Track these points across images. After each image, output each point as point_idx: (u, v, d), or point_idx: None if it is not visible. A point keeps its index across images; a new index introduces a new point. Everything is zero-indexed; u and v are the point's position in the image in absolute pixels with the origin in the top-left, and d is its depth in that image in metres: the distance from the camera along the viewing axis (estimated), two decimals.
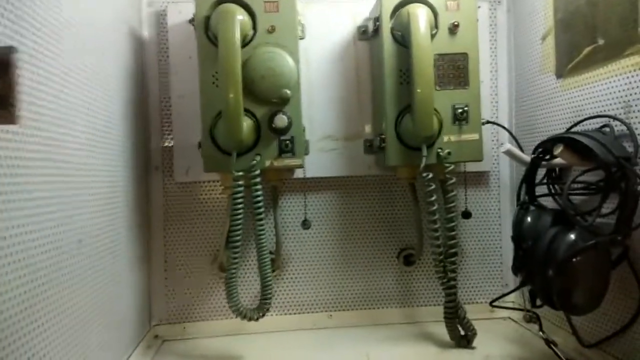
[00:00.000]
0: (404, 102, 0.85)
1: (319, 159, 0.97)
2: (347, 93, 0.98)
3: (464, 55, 0.86)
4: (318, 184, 1.00)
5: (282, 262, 0.99)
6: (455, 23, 0.84)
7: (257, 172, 0.81)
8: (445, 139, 0.86)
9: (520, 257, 0.69)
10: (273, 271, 0.87)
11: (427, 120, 0.80)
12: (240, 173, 0.79)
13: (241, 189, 0.80)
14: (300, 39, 0.94)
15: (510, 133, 0.97)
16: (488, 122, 0.92)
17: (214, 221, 0.98)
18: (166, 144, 0.97)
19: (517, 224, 0.71)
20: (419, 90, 0.79)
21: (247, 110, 0.81)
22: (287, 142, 0.83)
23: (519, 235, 0.70)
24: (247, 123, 0.80)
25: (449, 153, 0.84)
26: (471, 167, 1.00)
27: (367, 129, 0.98)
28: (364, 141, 0.98)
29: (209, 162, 0.82)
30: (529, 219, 0.69)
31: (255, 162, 0.81)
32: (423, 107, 0.79)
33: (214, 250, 0.98)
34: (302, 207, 0.99)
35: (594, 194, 0.69)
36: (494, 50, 1.03)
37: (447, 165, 0.84)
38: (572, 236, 0.62)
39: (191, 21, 0.85)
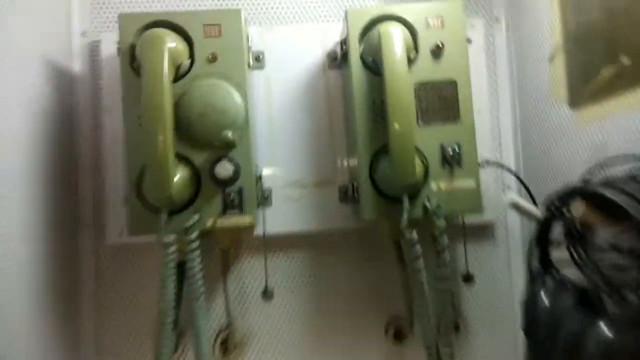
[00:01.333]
0: (379, 141, 0.70)
1: (284, 211, 0.82)
2: (317, 130, 0.84)
3: (452, 82, 0.71)
4: (282, 243, 0.85)
5: (239, 342, 0.82)
6: (439, 44, 0.70)
7: (193, 235, 0.65)
8: (434, 186, 0.70)
9: (533, 353, 0.52)
10: (225, 353, 0.71)
11: (407, 164, 0.65)
12: (172, 237, 0.64)
13: (173, 257, 0.65)
14: (257, 68, 0.81)
15: (517, 177, 0.81)
16: (488, 162, 0.77)
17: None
18: (99, 197, 0.83)
19: (528, 307, 0.54)
20: (395, 127, 0.64)
21: (182, 157, 0.67)
22: (234, 195, 0.68)
23: (531, 323, 0.53)
24: (181, 174, 0.65)
25: (438, 205, 0.69)
26: (472, 217, 0.83)
27: (342, 172, 0.83)
28: (338, 187, 0.83)
29: (135, 223, 0.68)
30: (543, 298, 0.52)
31: (191, 222, 0.65)
32: (401, 148, 0.64)
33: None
34: (262, 272, 0.83)
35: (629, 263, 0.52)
36: (493, 75, 0.89)
37: (437, 220, 0.68)
38: (606, 329, 0.45)
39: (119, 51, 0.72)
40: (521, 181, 0.79)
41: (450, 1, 0.72)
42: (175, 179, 0.64)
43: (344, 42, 0.74)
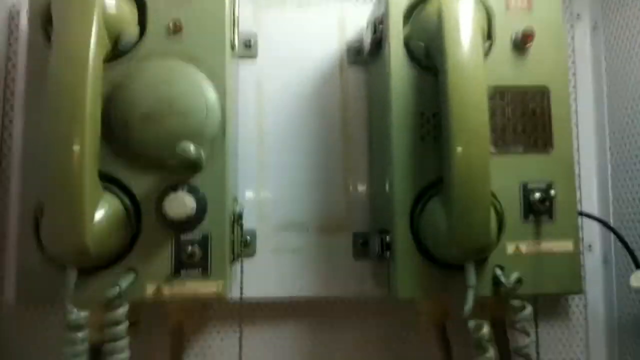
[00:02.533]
0: (428, 173, 0.46)
1: (272, 266, 0.57)
2: (326, 151, 0.59)
3: (543, 90, 0.48)
4: (267, 313, 0.59)
5: None
6: (527, 32, 0.47)
7: (120, 311, 0.40)
8: (511, 249, 0.46)
9: None
10: None
11: (477, 215, 0.41)
12: (82, 315, 0.39)
13: (82, 346, 0.39)
14: (245, 56, 0.57)
15: (621, 238, 0.56)
16: (582, 214, 0.52)
17: None
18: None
19: None
20: (461, 154, 0.40)
21: (110, 182, 0.42)
22: (194, 246, 0.43)
23: None
24: (107, 209, 0.40)
25: (518, 280, 0.44)
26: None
27: (360, 216, 0.58)
28: (353, 236, 0.58)
29: (26, 285, 0.42)
30: None
31: (118, 290, 0.40)
32: (469, 188, 0.40)
33: None
34: (235, 357, 0.57)
35: None
36: (573, 88, 0.65)
37: (514, 302, 0.44)
38: None
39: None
40: (626, 245, 0.55)
41: None
42: (97, 216, 0.39)
43: (378, 23, 0.50)
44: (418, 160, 0.46)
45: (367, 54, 0.57)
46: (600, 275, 0.62)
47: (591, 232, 0.62)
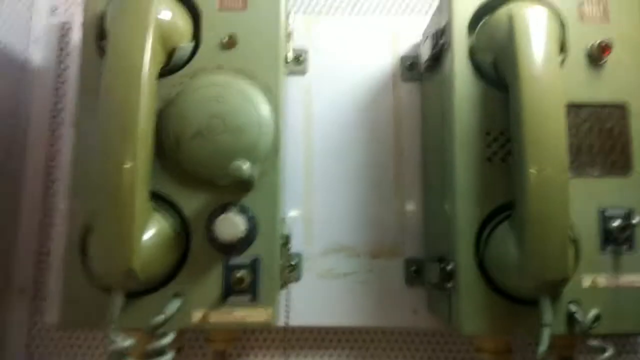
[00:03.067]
0: (495, 197, 0.43)
1: (320, 292, 0.54)
2: (376, 171, 0.56)
3: (621, 106, 0.44)
4: (314, 341, 0.56)
5: None
6: (604, 44, 0.43)
7: (165, 341, 0.38)
8: (586, 281, 0.42)
9: None
10: None
11: (554, 245, 0.37)
12: (127, 343, 0.37)
13: None
14: (295, 73, 0.55)
15: None
16: None
17: None
18: (44, 252, 0.56)
19: None
20: (535, 177, 0.37)
21: (160, 201, 0.41)
22: (243, 271, 0.41)
23: None
24: (156, 229, 0.39)
25: (597, 317, 0.40)
26: None
27: (413, 240, 0.55)
28: (405, 262, 0.55)
29: (70, 310, 0.41)
30: None
31: (164, 316, 0.38)
32: (546, 215, 0.37)
33: None
34: None
35: None
36: None
37: (593, 342, 0.40)
38: None
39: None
40: None
41: None
42: (145, 237, 0.37)
43: (440, 35, 0.47)
44: (483, 183, 0.43)
45: (423, 69, 0.54)
46: None
47: None
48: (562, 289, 0.40)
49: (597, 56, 0.44)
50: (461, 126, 0.43)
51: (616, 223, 0.42)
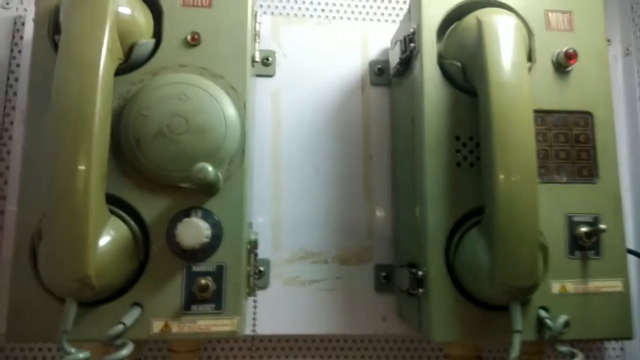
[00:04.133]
0: (464, 202, 0.42)
1: (287, 300, 0.53)
2: (345, 175, 0.56)
3: (586, 115, 0.45)
4: (283, 350, 0.55)
5: None
6: (570, 51, 0.44)
7: (124, 352, 0.36)
8: (556, 287, 0.42)
9: None
10: None
11: (524, 251, 0.37)
12: (82, 356, 0.34)
13: None
14: (263, 74, 0.54)
15: None
16: (631, 252, 0.49)
17: None
18: None
19: None
20: (505, 183, 0.37)
21: (118, 205, 0.38)
22: (207, 279, 0.39)
23: None
24: (113, 235, 0.36)
25: (566, 323, 0.40)
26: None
27: (383, 245, 0.54)
28: (374, 268, 0.54)
29: (20, 320, 0.38)
30: None
31: (121, 327, 0.36)
32: (516, 220, 0.37)
33: None
34: None
35: None
36: None
37: (561, 348, 0.40)
38: None
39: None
40: None
41: None
42: (101, 243, 0.35)
43: (409, 40, 0.47)
44: (453, 188, 0.42)
45: (392, 74, 0.54)
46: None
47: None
48: (531, 295, 0.40)
49: (563, 64, 0.44)
50: (430, 131, 0.43)
51: (583, 229, 0.42)
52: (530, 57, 0.45)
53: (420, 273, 0.42)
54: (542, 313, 0.41)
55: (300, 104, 0.57)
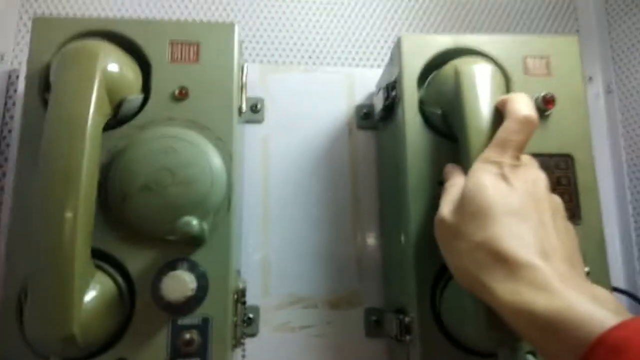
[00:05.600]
0: None
1: (277, 347, 0.52)
2: (334, 219, 0.56)
3: (567, 158, 0.45)
4: None
5: None
6: (548, 97, 0.45)
7: None
8: None
9: None
10: None
11: None
12: None
13: None
14: (252, 121, 0.55)
15: None
16: (617, 289, 0.49)
17: None
18: None
19: None
20: None
21: (103, 257, 0.39)
22: (192, 333, 0.39)
23: None
24: (98, 291, 0.37)
25: None
26: None
27: (373, 288, 0.54)
28: (365, 312, 0.54)
29: None
30: None
31: None
32: None
33: None
34: None
35: None
36: None
37: None
38: None
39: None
40: None
41: (561, 37, 0.48)
42: (87, 299, 0.35)
43: (391, 88, 0.48)
44: None
45: (377, 119, 0.55)
46: None
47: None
48: (520, 341, 0.40)
49: (542, 108, 0.46)
50: (413, 177, 0.44)
51: None
52: None
53: (407, 319, 0.42)
54: (531, 358, 0.40)
55: (289, 149, 0.58)
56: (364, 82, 0.60)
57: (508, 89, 0.46)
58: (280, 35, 0.64)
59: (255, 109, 0.57)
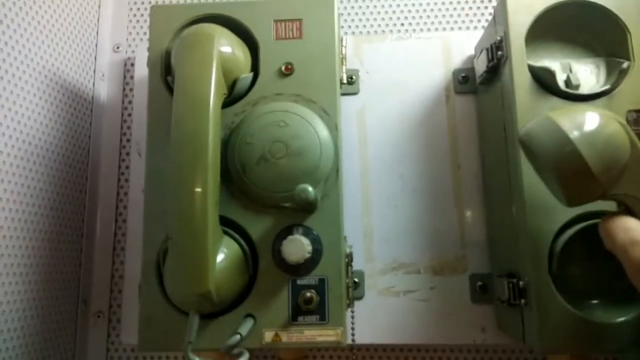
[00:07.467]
0: (567, 209, 0.41)
1: (382, 310, 0.54)
2: (434, 185, 0.56)
3: None
4: (380, 359, 0.56)
5: None
6: None
7: (242, 358, 0.39)
8: None
9: None
10: None
11: None
12: None
13: None
14: (348, 93, 0.56)
15: None
16: None
17: None
18: (119, 276, 0.60)
19: None
20: None
21: (230, 226, 0.42)
22: (311, 292, 0.42)
23: None
24: (227, 253, 0.40)
25: None
26: None
27: (477, 254, 0.54)
28: (470, 278, 0.54)
29: (148, 332, 0.43)
30: None
31: (238, 337, 0.39)
32: None
33: None
34: None
35: None
36: None
37: None
38: None
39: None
40: None
41: None
42: (218, 260, 0.39)
43: (495, 47, 0.47)
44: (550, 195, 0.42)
45: (479, 82, 0.54)
46: None
47: None
48: None
49: None
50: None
51: None
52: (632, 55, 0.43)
53: (521, 283, 0.42)
54: None
55: (385, 118, 0.59)
56: (461, 45, 0.59)
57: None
58: (371, 5, 0.64)
59: (351, 81, 0.58)
